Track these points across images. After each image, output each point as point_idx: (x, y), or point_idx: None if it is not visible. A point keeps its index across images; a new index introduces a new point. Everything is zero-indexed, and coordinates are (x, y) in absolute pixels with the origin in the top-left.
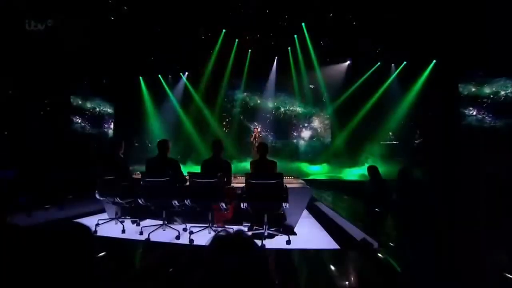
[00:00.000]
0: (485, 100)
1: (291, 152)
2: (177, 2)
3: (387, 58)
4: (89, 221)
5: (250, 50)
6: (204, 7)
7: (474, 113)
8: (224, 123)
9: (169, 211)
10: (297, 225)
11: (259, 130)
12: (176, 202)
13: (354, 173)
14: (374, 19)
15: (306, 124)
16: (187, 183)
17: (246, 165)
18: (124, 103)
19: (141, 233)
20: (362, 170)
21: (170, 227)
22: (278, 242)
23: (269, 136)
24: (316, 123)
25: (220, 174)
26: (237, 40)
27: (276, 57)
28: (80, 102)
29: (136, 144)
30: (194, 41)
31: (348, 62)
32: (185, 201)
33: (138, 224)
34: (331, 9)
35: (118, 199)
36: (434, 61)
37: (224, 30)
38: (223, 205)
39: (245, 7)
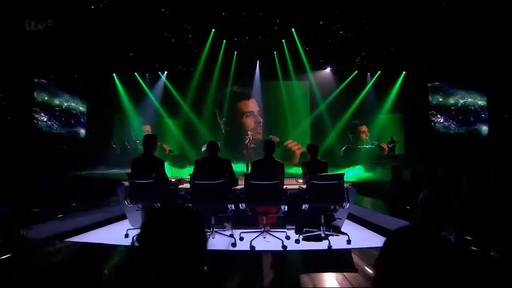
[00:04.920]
0: (452, 108)
1: (283, 155)
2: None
3: (363, 67)
4: (110, 231)
5: (236, 52)
6: (193, 6)
7: (442, 120)
8: (211, 124)
9: (217, 216)
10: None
11: (252, 133)
12: (232, 206)
13: (347, 175)
14: (354, 30)
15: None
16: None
17: (241, 167)
18: (98, 101)
19: None
20: (352, 171)
21: (220, 233)
22: (337, 242)
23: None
24: (304, 125)
25: (281, 176)
26: (224, 41)
27: (258, 61)
28: (46, 98)
29: (114, 146)
30: (177, 40)
31: (329, 69)
32: (240, 205)
33: None
34: (319, 18)
35: (158, 205)
36: (404, 72)
37: (213, 30)
38: (285, 208)
39: (238, 9)
